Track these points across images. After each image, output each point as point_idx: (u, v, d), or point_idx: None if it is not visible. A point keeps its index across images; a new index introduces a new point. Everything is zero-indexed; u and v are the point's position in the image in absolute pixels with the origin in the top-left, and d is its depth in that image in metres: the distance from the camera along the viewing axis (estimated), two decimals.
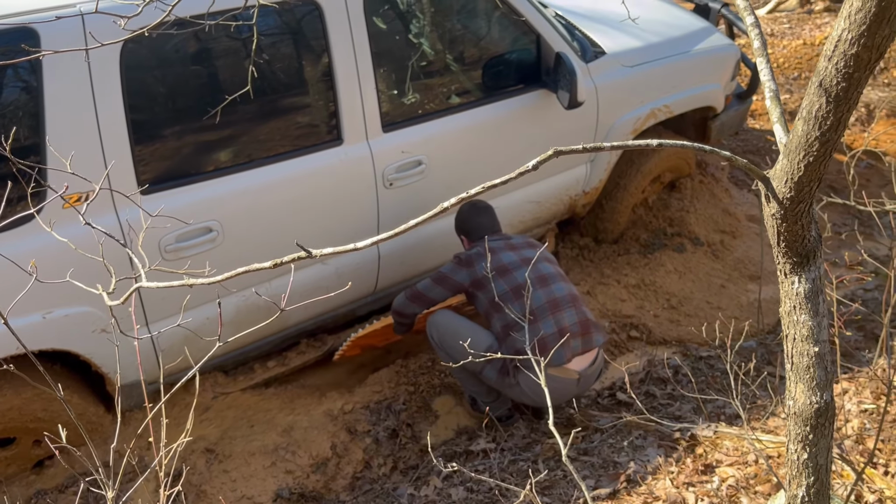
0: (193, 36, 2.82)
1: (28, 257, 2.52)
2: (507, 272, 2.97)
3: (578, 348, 2.91)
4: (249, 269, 1.15)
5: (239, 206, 2.89)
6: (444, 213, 1.21)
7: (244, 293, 3.07)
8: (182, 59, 2.85)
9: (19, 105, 2.46)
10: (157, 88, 2.78)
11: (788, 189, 1.43)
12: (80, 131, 2.51)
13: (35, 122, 2.45)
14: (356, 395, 3.24)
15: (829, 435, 1.68)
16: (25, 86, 2.45)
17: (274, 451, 2.90)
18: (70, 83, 2.47)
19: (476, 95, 3.54)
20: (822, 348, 1.60)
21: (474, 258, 3.02)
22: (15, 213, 2.50)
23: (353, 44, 2.96)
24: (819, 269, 1.57)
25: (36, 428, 2.76)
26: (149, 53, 2.68)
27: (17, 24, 2.39)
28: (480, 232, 3.18)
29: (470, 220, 3.21)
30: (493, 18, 3.55)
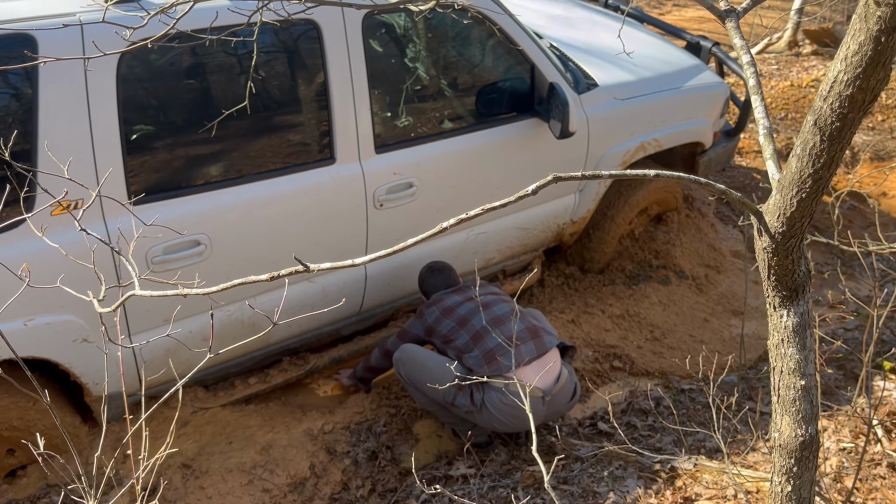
0: (189, 50, 2.83)
1: (12, 263, 2.50)
2: (452, 311, 3.15)
3: (533, 352, 2.96)
4: (245, 282, 1.15)
5: (228, 220, 2.88)
6: (441, 233, 1.21)
7: (229, 308, 3.05)
8: (178, 72, 2.86)
9: (13, 111, 2.46)
10: (152, 101, 2.78)
11: (781, 224, 1.46)
12: (73, 140, 2.51)
13: (29, 129, 2.44)
14: (337, 415, 3.21)
15: (813, 468, 1.69)
16: (21, 92, 2.45)
17: (252, 469, 2.87)
18: (66, 92, 2.47)
19: (469, 121, 3.57)
20: (808, 382, 1.62)
21: (425, 310, 3.23)
22: (2, 218, 2.49)
23: (349, 64, 2.98)
24: (807, 304, 1.60)
25: (10, 436, 2.71)
26: (145, 66, 2.68)
27: (16, 31, 2.39)
28: (436, 290, 3.35)
29: (425, 281, 3.40)
30: (488, 47, 3.59)
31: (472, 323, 3.05)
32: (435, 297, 3.26)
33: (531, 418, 1.79)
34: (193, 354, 2.95)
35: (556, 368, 2.97)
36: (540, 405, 2.90)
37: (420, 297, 3.54)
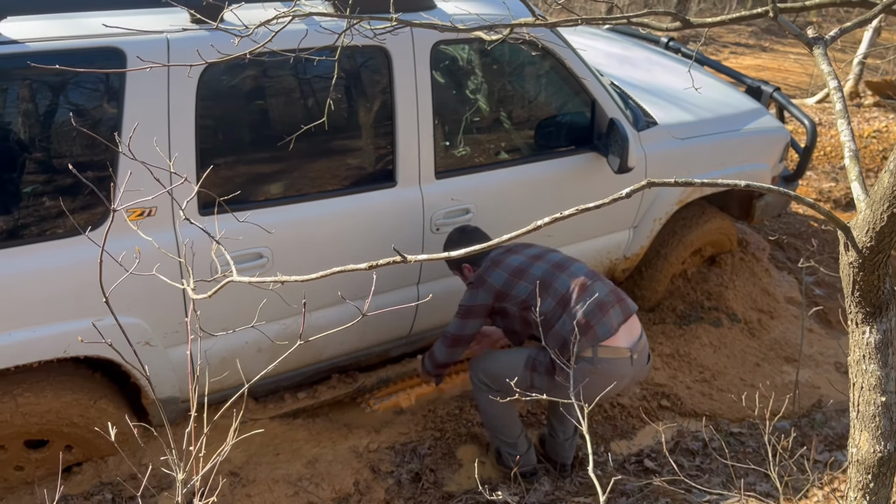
0: (262, 72, 2.96)
1: (88, 263, 2.62)
2: (523, 272, 2.94)
3: (620, 316, 2.89)
4: (345, 269, 1.21)
5: (290, 235, 2.97)
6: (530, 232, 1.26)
7: (285, 321, 3.13)
8: (251, 93, 2.99)
9: (101, 119, 2.59)
10: (226, 118, 2.90)
11: (869, 238, 1.51)
12: (151, 150, 2.63)
13: (113, 138, 2.57)
14: (382, 434, 3.24)
15: (890, 485, 1.70)
16: (108, 101, 2.58)
17: (297, 482, 2.91)
18: (148, 104, 2.59)
19: (526, 152, 3.62)
20: (888, 399, 1.64)
21: (486, 276, 2.99)
22: (85, 219, 2.62)
23: (416, 91, 3.07)
24: (891, 322, 1.62)
25: (70, 433, 2.80)
26: (222, 85, 2.81)
27: (106, 44, 2.53)
28: (481, 253, 3.10)
29: (465, 244, 3.12)
30: (549, 80, 3.66)
31: (555, 286, 2.88)
32: (492, 257, 3.01)
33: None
34: (245, 365, 3.02)
35: (637, 328, 2.94)
36: (629, 366, 2.86)
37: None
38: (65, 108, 2.66)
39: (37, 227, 2.57)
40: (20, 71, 2.49)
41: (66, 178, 2.63)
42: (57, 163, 2.67)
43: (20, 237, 2.53)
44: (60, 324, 2.61)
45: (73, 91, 2.66)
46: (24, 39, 2.40)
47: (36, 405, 2.67)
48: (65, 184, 2.63)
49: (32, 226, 2.57)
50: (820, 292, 4.78)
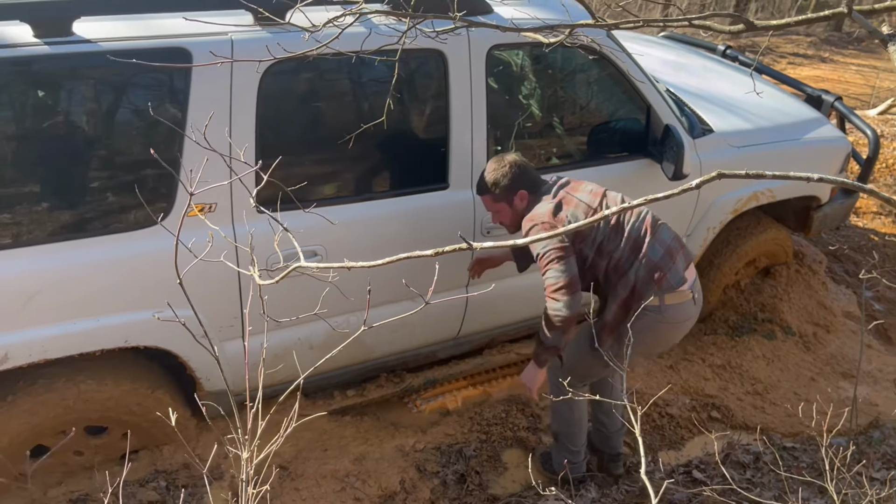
0: (321, 73, 3.02)
1: (149, 256, 2.71)
2: (593, 212, 2.78)
3: (683, 263, 2.84)
4: (411, 256, 1.22)
5: (343, 235, 3.01)
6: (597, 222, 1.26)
7: (336, 319, 3.16)
8: (310, 92, 3.05)
9: (166, 117, 2.67)
10: (285, 118, 2.97)
11: None
12: (213, 147, 2.69)
13: (176, 135, 2.65)
14: (429, 435, 3.26)
15: None
16: (173, 101, 2.66)
17: (345, 478, 2.94)
18: (212, 102, 2.66)
19: (579, 157, 3.61)
20: None
21: (556, 211, 2.75)
22: (145, 215, 2.70)
23: (471, 95, 3.09)
24: None
25: (128, 421, 2.88)
26: (282, 85, 2.87)
27: (173, 45, 2.62)
28: (538, 183, 2.90)
29: (523, 178, 2.85)
30: (605, 86, 3.64)
31: (628, 231, 2.77)
32: (560, 193, 2.82)
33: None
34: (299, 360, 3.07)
35: (694, 269, 2.91)
36: (693, 307, 2.84)
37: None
38: (132, 106, 2.76)
39: (102, 220, 2.66)
40: (91, 70, 2.60)
41: (130, 174, 2.73)
42: (122, 159, 2.77)
43: (87, 230, 2.63)
44: (122, 314, 2.70)
45: (140, 91, 2.75)
46: (96, 39, 2.50)
47: (97, 392, 2.76)
48: (129, 179, 2.72)
49: (98, 219, 2.66)
50: (880, 307, 4.64)
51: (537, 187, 2.87)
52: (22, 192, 2.62)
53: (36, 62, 2.47)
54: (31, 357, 2.57)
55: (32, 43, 2.40)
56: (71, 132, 2.64)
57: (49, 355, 2.60)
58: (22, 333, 2.54)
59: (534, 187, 2.86)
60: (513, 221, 2.92)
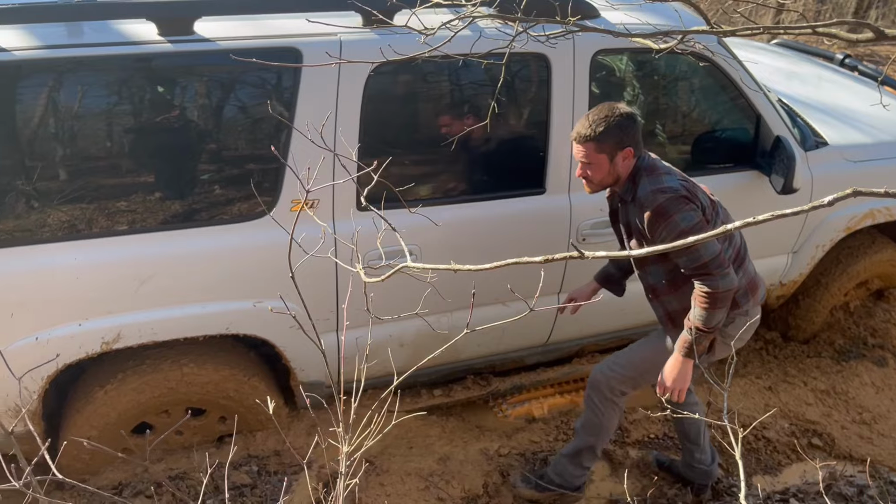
0: (424, 76, 3.06)
1: (255, 249, 2.81)
2: (711, 202, 2.61)
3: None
4: (519, 262, 1.22)
5: (439, 236, 3.03)
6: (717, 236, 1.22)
7: (428, 319, 3.19)
8: (413, 94, 3.09)
9: (275, 114, 2.76)
10: (388, 118, 3.01)
11: None
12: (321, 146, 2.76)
13: (278, 130, 2.73)
14: (513, 440, 3.24)
15: None
16: (283, 98, 2.74)
17: (429, 477, 2.96)
18: (319, 103, 2.73)
19: (681, 166, 3.50)
20: None
21: (692, 189, 2.53)
22: (250, 208, 2.81)
23: (573, 100, 3.06)
24: None
25: (225, 405, 3.00)
26: (387, 87, 2.92)
27: (285, 45, 2.70)
28: (641, 147, 2.62)
29: (639, 129, 2.61)
30: (711, 94, 3.53)
31: (735, 235, 2.66)
32: (678, 176, 2.58)
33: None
34: (386, 358, 3.11)
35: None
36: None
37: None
38: (243, 103, 2.87)
39: (210, 211, 2.78)
40: (208, 68, 2.72)
41: (238, 168, 2.84)
42: (231, 154, 2.88)
43: (196, 220, 2.75)
44: (225, 303, 2.81)
45: (252, 89, 2.86)
46: (214, 38, 2.61)
47: (198, 376, 2.89)
48: (237, 174, 2.83)
49: (207, 210, 2.78)
50: None
51: (639, 151, 2.60)
52: (137, 182, 2.77)
53: (159, 59, 2.60)
54: (141, 338, 2.71)
55: (157, 41, 2.53)
56: (185, 126, 2.77)
57: (157, 338, 2.74)
58: (134, 315, 2.68)
59: (637, 150, 2.59)
60: (603, 181, 2.61)
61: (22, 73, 2.52)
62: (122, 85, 2.69)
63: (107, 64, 2.57)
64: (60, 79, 2.58)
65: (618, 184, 2.63)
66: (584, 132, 2.54)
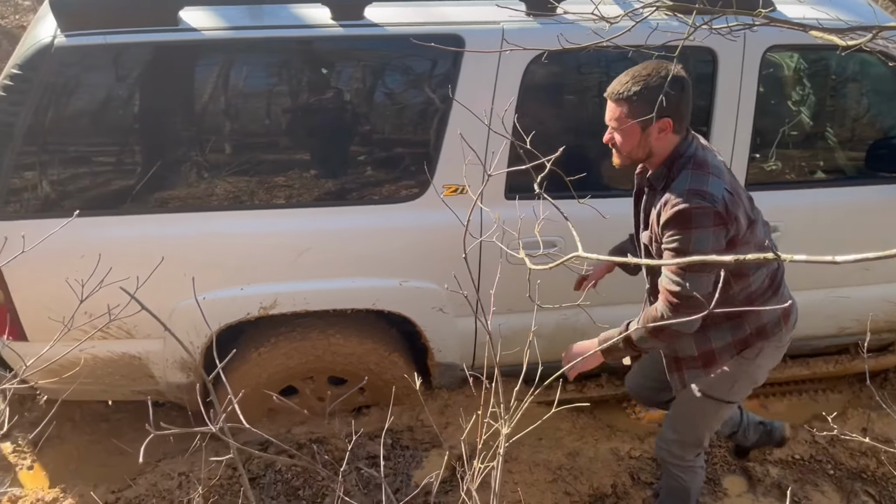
0: (578, 67, 3.02)
1: (405, 229, 2.89)
2: (740, 195, 2.18)
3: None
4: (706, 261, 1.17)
5: (581, 227, 2.99)
6: None
7: (565, 313, 3.17)
8: (568, 85, 3.06)
9: (434, 100, 2.82)
10: (543, 109, 3.00)
11: None
12: (473, 131, 2.80)
13: (442, 118, 2.78)
14: (646, 444, 3.16)
15: None
16: (443, 84, 2.79)
17: (557, 470, 2.95)
18: (477, 91, 2.75)
19: (851, 173, 3.29)
20: None
21: (733, 200, 2.09)
22: (401, 190, 2.89)
23: (738, 98, 2.92)
24: None
25: (365, 377, 3.11)
26: (544, 75, 2.90)
27: (448, 31, 2.75)
28: (685, 123, 2.19)
29: (689, 100, 2.18)
30: (889, 97, 3.26)
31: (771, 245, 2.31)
32: (703, 156, 2.16)
33: None
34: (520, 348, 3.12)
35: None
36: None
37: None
38: (404, 87, 2.95)
39: (364, 191, 2.89)
40: (375, 52, 2.82)
41: (393, 151, 2.93)
42: (388, 136, 2.97)
43: (350, 199, 2.86)
44: (373, 279, 2.91)
45: (414, 73, 2.93)
46: (383, 23, 2.69)
47: (343, 346, 3.02)
48: (392, 156, 2.92)
49: (361, 190, 2.89)
50: None
51: (682, 129, 2.19)
52: (298, 160, 2.92)
53: (331, 42, 2.72)
54: (294, 306, 2.87)
55: (330, 24, 2.64)
56: (348, 108, 2.89)
57: (309, 307, 2.89)
58: (290, 285, 2.84)
59: (680, 126, 2.16)
60: (632, 153, 2.20)
61: (208, 52, 2.70)
62: (294, 67, 2.84)
63: (282, 46, 2.72)
64: (238, 58, 2.76)
65: (650, 161, 2.20)
66: (617, 89, 2.14)
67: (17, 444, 3.28)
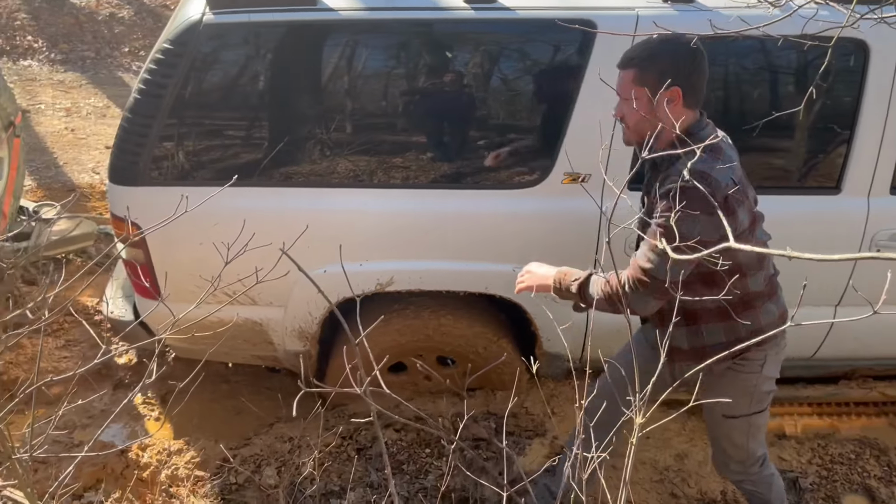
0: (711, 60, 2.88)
1: (520, 216, 2.87)
2: (747, 190, 2.09)
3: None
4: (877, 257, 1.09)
5: None
6: None
7: None
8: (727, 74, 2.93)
9: (562, 85, 2.78)
10: None
11: None
12: (599, 119, 2.73)
13: (565, 103, 2.74)
14: (770, 452, 3.02)
15: None
16: (571, 70, 2.75)
17: (663, 471, 2.88)
18: (597, 76, 2.68)
19: None
20: None
21: (739, 192, 1.99)
22: (520, 176, 2.87)
23: (890, 95, 2.72)
24: None
25: (473, 360, 3.13)
26: None
27: (581, 16, 2.69)
28: (699, 99, 2.08)
29: (703, 74, 2.07)
30: None
31: (769, 264, 2.23)
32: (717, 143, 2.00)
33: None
34: None
35: None
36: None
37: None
38: (532, 72, 2.92)
39: (483, 175, 2.89)
40: (507, 36, 2.80)
41: (514, 136, 2.91)
42: (510, 122, 2.96)
43: (470, 183, 2.87)
44: (487, 263, 2.91)
45: (543, 58, 2.90)
46: (515, 7, 2.67)
47: (453, 328, 3.05)
48: (514, 142, 2.90)
49: (480, 174, 2.89)
50: None
51: (697, 103, 2.07)
52: (418, 142, 2.94)
53: (464, 25, 2.73)
54: (410, 285, 2.92)
55: (463, 7, 2.65)
56: (474, 92, 2.89)
57: (423, 286, 2.93)
58: (408, 263, 2.89)
59: (691, 99, 2.04)
60: (638, 126, 2.07)
61: (342, 32, 2.77)
62: (424, 49, 2.86)
63: (415, 28, 2.75)
64: (371, 39, 2.82)
65: (658, 139, 2.00)
66: (627, 55, 2.07)
67: (147, 396, 3.51)
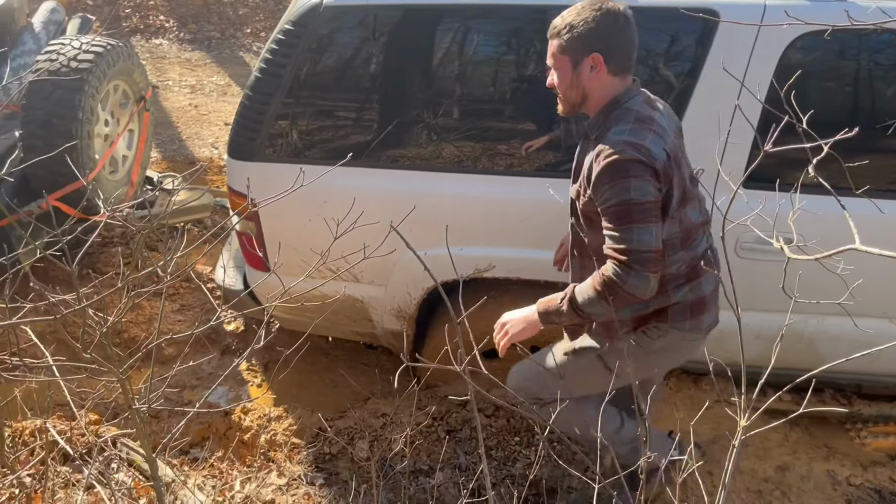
0: (840, 54, 2.72)
1: None
2: (680, 161, 2.05)
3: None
4: None
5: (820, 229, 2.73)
6: None
7: (792, 317, 2.92)
8: (831, 70, 2.78)
9: (679, 74, 2.69)
10: (800, 93, 2.75)
11: None
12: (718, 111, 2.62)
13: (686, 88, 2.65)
14: (869, 472, 2.87)
15: None
16: (690, 60, 2.66)
17: (761, 482, 2.77)
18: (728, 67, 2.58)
19: None
20: None
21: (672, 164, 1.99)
22: None
23: None
24: None
25: None
26: (807, 58, 2.67)
27: (702, 5, 2.59)
28: (628, 65, 2.04)
29: (629, 38, 2.02)
30: None
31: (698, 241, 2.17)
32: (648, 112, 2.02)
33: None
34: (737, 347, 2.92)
35: None
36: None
37: None
38: (645, 63, 2.83)
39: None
40: None
41: None
42: None
43: None
44: None
45: (656, 49, 2.80)
46: None
47: None
48: None
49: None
50: None
51: (624, 69, 2.02)
52: (523, 129, 2.92)
53: None
54: (508, 272, 2.91)
55: None
56: None
57: (522, 275, 2.92)
58: (507, 250, 2.88)
59: (620, 66, 2.00)
60: (567, 95, 2.07)
61: (453, 16, 2.78)
62: (535, 36, 2.83)
63: (524, 14, 2.73)
64: (481, 24, 2.82)
65: (587, 106, 2.07)
66: (553, 24, 2.05)
67: (251, 363, 3.68)
